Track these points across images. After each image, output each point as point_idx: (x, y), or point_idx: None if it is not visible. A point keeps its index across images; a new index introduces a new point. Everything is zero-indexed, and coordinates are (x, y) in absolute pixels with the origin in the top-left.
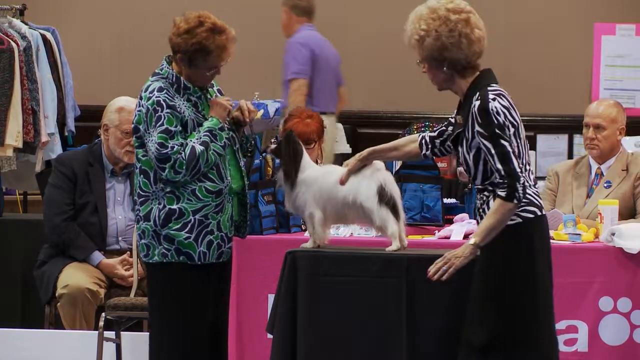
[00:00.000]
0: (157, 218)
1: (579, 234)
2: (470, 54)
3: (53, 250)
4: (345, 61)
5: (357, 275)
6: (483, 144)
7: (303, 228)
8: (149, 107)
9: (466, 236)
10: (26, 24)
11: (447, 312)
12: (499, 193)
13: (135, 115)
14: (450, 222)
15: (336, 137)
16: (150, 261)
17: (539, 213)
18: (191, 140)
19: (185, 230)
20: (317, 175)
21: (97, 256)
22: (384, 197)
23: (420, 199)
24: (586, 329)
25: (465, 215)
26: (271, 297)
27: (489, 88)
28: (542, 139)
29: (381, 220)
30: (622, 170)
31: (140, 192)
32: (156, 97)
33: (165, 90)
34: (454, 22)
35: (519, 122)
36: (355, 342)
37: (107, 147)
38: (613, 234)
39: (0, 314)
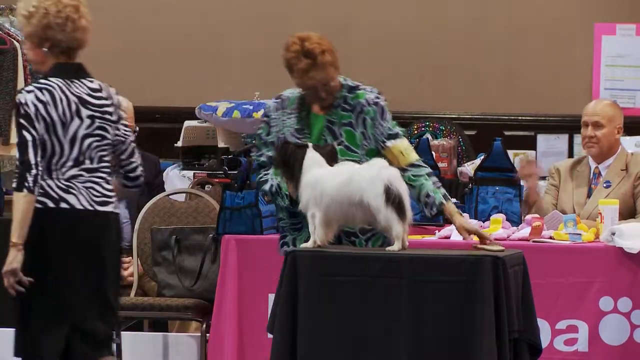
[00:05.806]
0: None
1: (579, 234)
2: (71, 38)
3: None
4: (345, 61)
5: (357, 275)
6: None
7: None
8: None
9: None
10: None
11: (447, 311)
12: (12, 184)
13: None
14: (450, 222)
15: None
16: None
17: (51, 205)
18: None
19: None
20: (322, 175)
21: None
22: (390, 196)
23: None
24: (586, 329)
25: (465, 215)
26: (271, 297)
27: (38, 81)
28: (542, 139)
29: (386, 221)
30: (622, 170)
31: None
32: None
33: None
34: (63, 5)
35: (57, 119)
36: (355, 342)
37: None
38: (613, 234)
39: None
